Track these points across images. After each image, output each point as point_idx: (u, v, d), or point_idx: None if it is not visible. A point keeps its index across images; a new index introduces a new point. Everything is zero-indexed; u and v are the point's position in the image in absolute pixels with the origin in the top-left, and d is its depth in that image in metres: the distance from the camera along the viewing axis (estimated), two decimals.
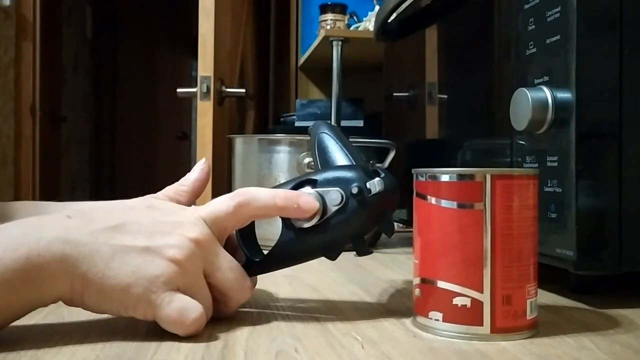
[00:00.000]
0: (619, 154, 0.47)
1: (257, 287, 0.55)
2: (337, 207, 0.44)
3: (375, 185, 0.44)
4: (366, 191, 0.44)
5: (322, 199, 0.44)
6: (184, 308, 0.39)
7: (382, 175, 0.45)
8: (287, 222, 0.45)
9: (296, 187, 0.46)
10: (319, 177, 0.46)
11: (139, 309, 0.39)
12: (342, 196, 0.44)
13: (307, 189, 0.45)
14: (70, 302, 0.39)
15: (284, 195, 0.44)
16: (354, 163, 0.47)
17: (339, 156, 0.48)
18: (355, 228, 0.45)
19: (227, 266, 0.42)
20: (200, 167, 0.49)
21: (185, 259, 0.39)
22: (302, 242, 0.45)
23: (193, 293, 0.40)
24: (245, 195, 0.44)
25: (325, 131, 0.49)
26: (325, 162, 0.48)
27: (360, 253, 0.46)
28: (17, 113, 2.35)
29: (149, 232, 0.40)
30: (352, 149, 0.48)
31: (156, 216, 0.42)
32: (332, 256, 0.46)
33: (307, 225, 0.44)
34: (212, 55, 1.41)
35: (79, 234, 0.38)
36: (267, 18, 2.45)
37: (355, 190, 0.44)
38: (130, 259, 0.38)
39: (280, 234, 0.46)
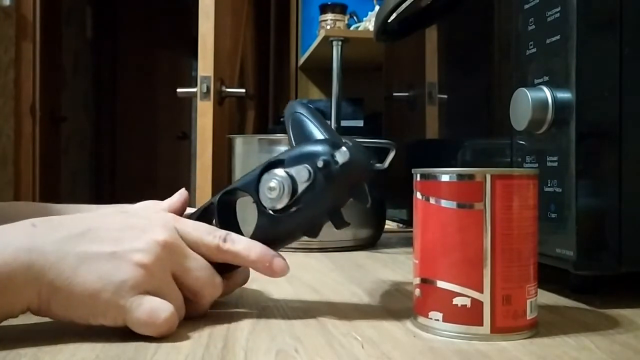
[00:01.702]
0: (619, 154, 0.47)
1: (256, 287, 0.55)
2: (306, 184, 0.44)
3: (341, 155, 0.43)
4: (333, 163, 0.43)
5: (291, 179, 0.44)
6: (154, 309, 0.39)
7: (349, 145, 0.44)
8: (260, 209, 0.45)
9: (264, 170, 0.46)
10: (285, 156, 0.45)
11: (109, 315, 0.39)
12: (309, 172, 0.44)
13: (277, 171, 0.45)
14: (37, 312, 0.39)
15: (259, 252, 0.44)
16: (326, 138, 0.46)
17: (313, 132, 0.47)
18: (328, 202, 0.45)
19: (197, 266, 0.42)
20: (180, 195, 0.50)
21: (152, 263, 0.39)
22: (279, 225, 0.45)
23: (163, 295, 0.40)
24: (232, 244, 0.44)
25: (299, 111, 0.49)
26: (300, 141, 0.48)
27: (338, 226, 0.46)
28: (17, 113, 2.35)
29: (117, 237, 0.40)
30: (325, 126, 0.48)
31: (126, 221, 0.42)
32: (313, 234, 0.46)
33: (279, 206, 0.44)
34: (212, 55, 1.41)
35: (44, 242, 0.38)
36: (267, 18, 2.45)
37: (321, 163, 0.43)
38: (97, 266, 0.38)
39: (257, 221, 0.46)
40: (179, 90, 1.52)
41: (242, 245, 0.44)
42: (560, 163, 0.48)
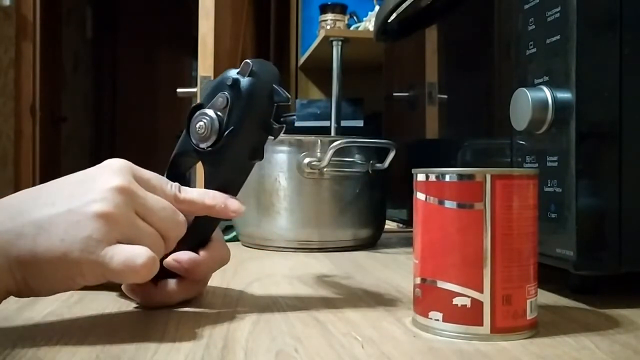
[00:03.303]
0: (619, 154, 0.47)
1: (256, 287, 0.55)
2: (228, 109, 0.45)
3: (244, 68, 0.45)
4: (241, 78, 0.45)
5: (214, 112, 0.45)
6: (128, 257, 0.37)
7: (250, 59, 0.46)
8: (202, 157, 0.47)
9: (189, 123, 0.47)
10: (202, 101, 0.47)
11: (86, 274, 0.38)
12: (225, 96, 0.45)
13: (198, 112, 0.46)
14: (19, 293, 0.38)
15: (212, 195, 0.45)
16: None
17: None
18: (253, 112, 0.46)
19: (160, 207, 0.41)
20: None
21: (112, 210, 0.38)
22: (222, 158, 0.46)
23: (134, 237, 0.39)
24: (186, 193, 0.44)
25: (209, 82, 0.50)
26: None
27: (274, 134, 0.47)
28: (17, 113, 2.35)
29: (69, 195, 0.39)
30: None
31: (76, 177, 0.41)
32: (258, 154, 0.47)
33: (213, 137, 0.45)
34: (212, 55, 1.41)
35: (0, 223, 0.37)
36: (267, 18, 2.45)
37: (230, 82, 0.45)
38: (56, 228, 0.37)
39: (205, 171, 0.47)
40: (179, 90, 1.52)
41: (195, 193, 0.45)
42: (560, 163, 0.48)
